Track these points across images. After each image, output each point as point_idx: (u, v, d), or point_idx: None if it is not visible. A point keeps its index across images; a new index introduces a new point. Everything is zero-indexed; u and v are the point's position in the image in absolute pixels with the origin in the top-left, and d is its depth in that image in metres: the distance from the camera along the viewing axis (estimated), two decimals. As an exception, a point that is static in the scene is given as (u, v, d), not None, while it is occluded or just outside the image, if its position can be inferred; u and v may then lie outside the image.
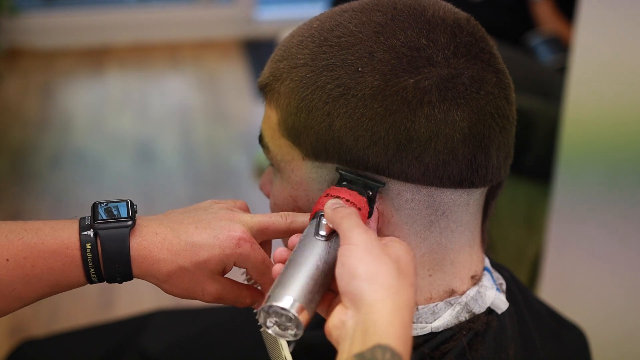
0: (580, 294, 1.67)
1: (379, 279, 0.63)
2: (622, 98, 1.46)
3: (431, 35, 0.73)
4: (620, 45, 1.43)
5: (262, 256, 0.77)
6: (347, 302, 0.65)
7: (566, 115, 1.52)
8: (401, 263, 0.66)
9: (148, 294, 2.20)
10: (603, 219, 1.57)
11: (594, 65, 1.47)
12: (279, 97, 0.77)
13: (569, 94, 1.50)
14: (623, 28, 1.41)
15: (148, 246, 0.74)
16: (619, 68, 1.44)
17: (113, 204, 0.76)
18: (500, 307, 0.79)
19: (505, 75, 0.77)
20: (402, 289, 0.64)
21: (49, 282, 0.74)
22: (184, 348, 1.15)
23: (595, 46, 1.45)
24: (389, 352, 0.60)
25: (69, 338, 1.24)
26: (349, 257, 0.66)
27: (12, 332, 2.11)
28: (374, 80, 0.72)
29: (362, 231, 0.67)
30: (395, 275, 0.64)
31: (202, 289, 0.76)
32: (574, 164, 1.55)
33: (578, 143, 1.53)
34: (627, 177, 1.51)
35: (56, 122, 3.20)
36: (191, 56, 3.74)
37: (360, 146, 0.72)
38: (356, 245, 0.66)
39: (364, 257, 0.65)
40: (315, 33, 0.76)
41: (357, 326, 0.63)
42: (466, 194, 0.76)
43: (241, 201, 0.84)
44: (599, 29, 1.43)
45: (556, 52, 2.32)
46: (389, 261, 0.65)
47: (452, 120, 0.71)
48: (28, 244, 0.73)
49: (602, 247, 1.60)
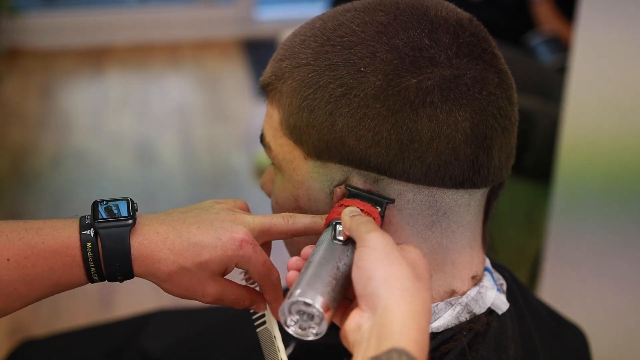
0: (580, 294, 1.67)
1: (396, 282, 0.63)
2: (622, 98, 1.46)
3: (434, 35, 0.73)
4: (620, 45, 1.43)
5: (264, 258, 0.77)
6: (364, 305, 0.64)
7: (566, 115, 1.52)
8: (417, 267, 0.66)
9: (148, 294, 2.20)
10: (603, 219, 1.57)
11: (594, 65, 1.47)
12: (280, 96, 0.77)
13: (569, 94, 1.50)
14: (623, 28, 1.41)
15: (149, 245, 0.74)
16: (619, 68, 1.44)
17: (113, 203, 0.76)
18: (501, 308, 0.79)
19: (508, 75, 0.77)
20: (419, 292, 0.64)
21: (50, 282, 0.74)
22: (184, 348, 1.15)
23: (595, 46, 1.45)
24: (404, 356, 0.59)
25: (69, 338, 1.24)
26: (366, 260, 0.66)
27: (12, 332, 2.11)
28: (377, 80, 0.72)
29: (379, 235, 0.67)
30: (412, 278, 0.64)
31: (203, 289, 0.76)
32: (574, 164, 1.55)
33: (578, 143, 1.53)
34: (627, 177, 1.51)
35: (56, 122, 3.20)
36: (191, 56, 3.74)
37: (362, 146, 0.72)
38: (373, 248, 0.66)
39: (381, 260, 0.65)
40: (318, 32, 0.76)
41: (372, 329, 0.62)
42: (468, 194, 0.76)
43: (241, 201, 0.84)
44: (599, 29, 1.43)
45: (556, 52, 2.32)
46: (406, 265, 0.65)
47: (455, 120, 0.71)
48: (29, 243, 0.73)
49: (602, 247, 1.60)
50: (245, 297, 0.79)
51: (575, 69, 1.48)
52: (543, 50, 2.35)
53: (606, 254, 1.60)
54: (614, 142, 1.49)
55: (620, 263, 1.59)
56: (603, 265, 1.61)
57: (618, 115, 1.47)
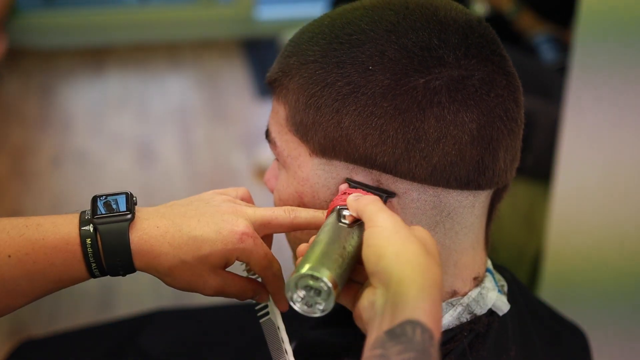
0: (580, 294, 1.66)
1: (408, 257, 0.63)
2: (622, 98, 1.46)
3: (443, 35, 0.73)
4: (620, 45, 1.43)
5: (265, 251, 0.77)
6: (376, 282, 0.65)
7: (566, 115, 1.52)
8: (427, 244, 0.66)
9: (148, 294, 2.20)
10: (603, 219, 1.57)
11: (594, 65, 1.46)
12: (287, 92, 0.77)
13: (569, 94, 1.50)
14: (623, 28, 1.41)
15: (149, 240, 0.74)
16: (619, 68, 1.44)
17: (112, 197, 0.76)
18: (502, 309, 0.79)
19: (515, 78, 0.77)
20: (431, 266, 0.64)
21: (52, 278, 0.74)
22: (184, 348, 1.15)
23: (595, 46, 1.45)
24: (419, 327, 0.60)
25: (69, 338, 1.24)
26: (377, 238, 0.66)
27: (12, 332, 2.10)
28: (385, 79, 0.72)
29: (388, 215, 0.67)
30: (423, 254, 0.64)
31: (204, 282, 0.76)
32: (574, 164, 1.55)
33: (578, 143, 1.53)
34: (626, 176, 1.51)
35: (56, 122, 3.20)
36: (191, 56, 3.74)
37: (368, 144, 0.72)
38: (383, 227, 0.66)
39: (391, 238, 0.65)
40: (326, 30, 0.76)
41: (386, 303, 0.63)
42: (472, 195, 0.76)
43: (243, 189, 0.84)
44: (599, 30, 1.43)
45: (556, 52, 2.32)
46: (416, 241, 0.65)
47: (462, 121, 0.71)
48: (29, 239, 0.73)
49: (601, 247, 1.60)
50: (247, 289, 0.79)
51: (575, 69, 1.48)
52: (543, 50, 2.35)
53: (606, 253, 1.60)
54: (613, 142, 1.49)
55: (619, 262, 1.59)
56: (603, 265, 1.61)
57: (618, 115, 1.47)
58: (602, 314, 1.65)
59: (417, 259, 0.63)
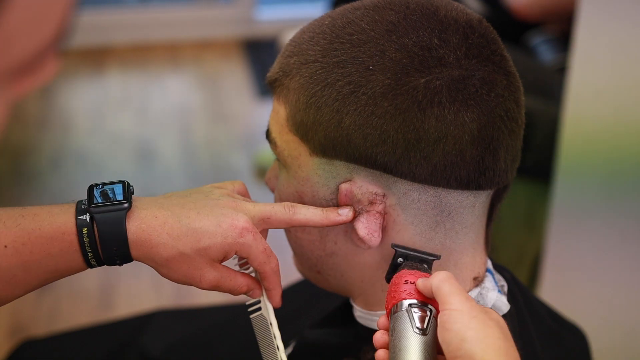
0: (580, 294, 1.66)
1: (489, 341, 0.63)
2: (622, 98, 1.46)
3: (443, 35, 0.73)
4: (620, 45, 1.43)
5: (264, 246, 0.77)
6: None
7: (566, 115, 1.52)
8: (503, 327, 0.66)
9: (148, 294, 2.20)
10: (603, 219, 1.57)
11: (594, 65, 1.47)
12: (288, 92, 0.77)
13: (569, 94, 1.50)
14: (623, 28, 1.41)
15: (147, 229, 0.74)
16: (619, 68, 1.44)
17: (109, 186, 0.76)
18: (502, 309, 0.79)
19: (516, 78, 0.77)
20: (510, 350, 0.64)
21: (48, 268, 0.74)
22: (184, 348, 1.15)
23: (595, 46, 1.45)
24: None
25: (69, 338, 1.24)
26: (456, 322, 0.65)
27: (12, 332, 2.10)
28: (385, 78, 0.72)
29: (464, 298, 0.66)
30: (502, 338, 0.64)
31: (200, 275, 0.76)
32: (574, 164, 1.55)
33: (578, 143, 1.53)
34: (627, 176, 1.51)
35: (56, 122, 3.20)
36: (191, 56, 3.74)
37: (368, 144, 0.72)
38: (460, 311, 0.65)
39: (470, 322, 0.64)
40: (327, 30, 0.76)
41: None
42: (472, 196, 0.76)
43: (239, 182, 0.84)
44: (599, 29, 1.43)
45: (556, 52, 2.32)
46: (495, 325, 0.65)
47: (462, 121, 0.71)
48: (25, 229, 0.72)
49: (602, 247, 1.60)
50: (242, 284, 0.79)
51: (575, 69, 1.48)
52: (543, 50, 2.35)
53: (606, 254, 1.60)
54: (613, 142, 1.49)
55: (620, 263, 1.59)
56: (603, 265, 1.61)
57: (618, 115, 1.47)
58: (602, 314, 1.65)
59: (497, 343, 0.63)
